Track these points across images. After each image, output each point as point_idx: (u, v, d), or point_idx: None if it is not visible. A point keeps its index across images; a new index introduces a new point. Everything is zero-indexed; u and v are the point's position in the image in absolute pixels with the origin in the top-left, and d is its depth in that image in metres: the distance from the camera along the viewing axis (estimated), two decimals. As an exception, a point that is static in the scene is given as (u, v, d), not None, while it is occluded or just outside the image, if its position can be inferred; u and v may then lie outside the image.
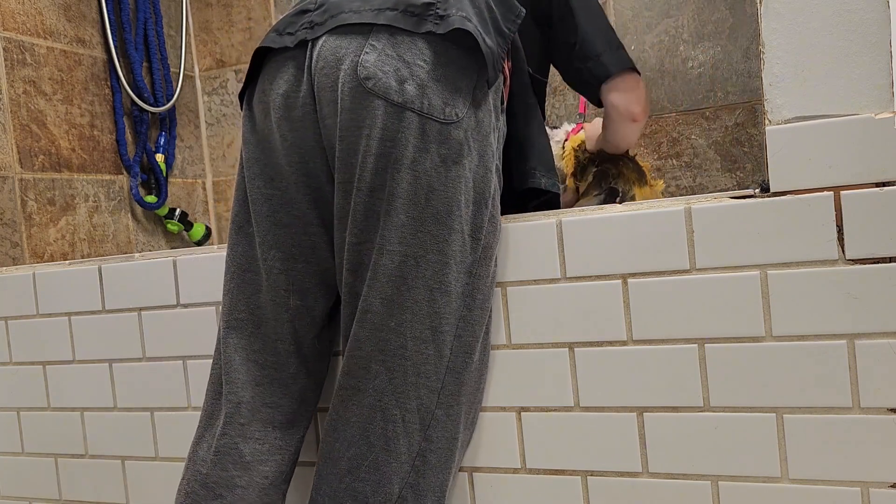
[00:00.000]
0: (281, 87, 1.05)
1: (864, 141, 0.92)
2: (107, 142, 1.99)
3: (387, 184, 0.98)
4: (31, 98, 1.79)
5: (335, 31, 1.01)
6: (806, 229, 0.95)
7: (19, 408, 1.49)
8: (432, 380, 1.01)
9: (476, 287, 1.03)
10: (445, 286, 1.00)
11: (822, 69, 0.94)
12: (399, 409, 1.00)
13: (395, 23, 0.98)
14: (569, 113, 1.91)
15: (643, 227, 1.02)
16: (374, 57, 0.98)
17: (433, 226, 0.99)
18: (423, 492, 1.02)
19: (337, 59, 1.00)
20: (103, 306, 1.39)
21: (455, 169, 0.99)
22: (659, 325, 1.02)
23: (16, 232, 1.72)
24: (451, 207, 0.99)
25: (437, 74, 0.98)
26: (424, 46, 0.99)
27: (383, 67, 0.98)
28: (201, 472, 1.12)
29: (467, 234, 1.01)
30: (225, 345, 1.13)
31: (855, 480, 0.95)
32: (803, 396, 0.96)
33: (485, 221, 1.03)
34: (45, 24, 1.84)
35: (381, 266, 0.99)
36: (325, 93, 1.01)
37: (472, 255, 1.02)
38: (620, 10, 1.84)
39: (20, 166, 1.74)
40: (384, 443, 1.00)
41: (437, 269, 0.99)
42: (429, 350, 1.00)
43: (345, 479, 1.01)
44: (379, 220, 0.99)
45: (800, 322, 0.96)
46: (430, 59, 0.99)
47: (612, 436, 1.06)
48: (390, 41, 0.99)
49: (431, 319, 1.00)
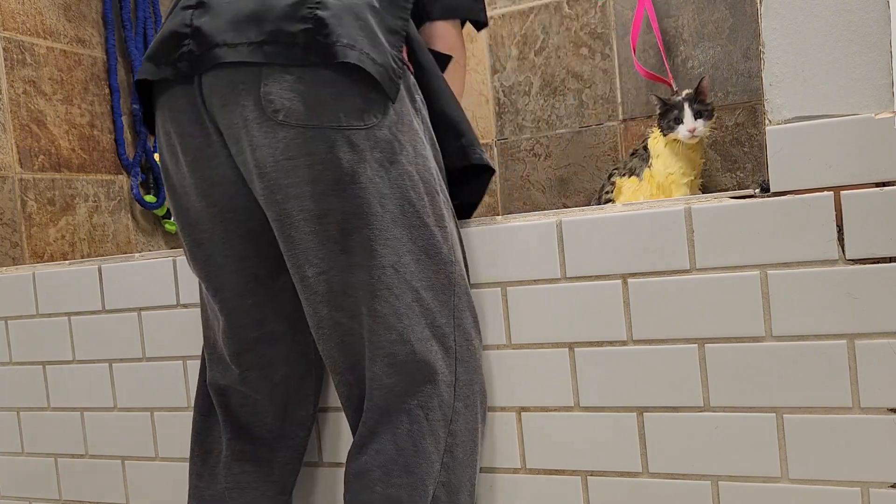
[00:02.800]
0: (184, 128, 1.01)
1: (864, 141, 0.92)
2: (107, 142, 1.99)
3: (335, 206, 0.96)
4: (31, 98, 1.78)
5: (219, 66, 0.96)
6: (806, 229, 0.95)
7: (19, 408, 1.49)
8: (445, 374, 1.01)
9: (455, 272, 1.03)
10: (427, 282, 0.99)
11: (822, 69, 0.94)
12: (422, 408, 1.00)
13: (276, 60, 0.93)
14: (569, 113, 1.91)
15: (643, 227, 1.02)
16: (274, 88, 0.94)
17: (396, 229, 0.97)
18: (455, 488, 1.02)
19: (235, 94, 0.96)
20: (103, 306, 1.39)
21: (395, 168, 0.97)
22: (659, 325, 1.02)
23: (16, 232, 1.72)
24: (403, 206, 0.97)
25: (341, 89, 0.95)
26: (319, 69, 0.95)
27: (287, 95, 0.94)
28: (198, 486, 1.14)
29: (433, 225, 1.00)
30: (208, 375, 1.15)
31: (855, 480, 0.95)
32: (803, 396, 0.96)
33: (443, 208, 1.03)
34: (45, 24, 1.84)
35: (357, 287, 0.98)
36: (233, 130, 0.97)
37: (444, 244, 1.01)
38: (620, 11, 1.84)
39: (20, 166, 1.74)
40: (412, 444, 0.99)
41: (415, 270, 0.98)
42: (434, 346, 1.00)
43: (377, 488, 0.99)
44: (338, 243, 0.97)
45: (800, 322, 0.96)
46: (329, 77, 0.95)
47: (612, 436, 1.06)
48: (284, 69, 0.94)
49: (427, 318, 1.00)
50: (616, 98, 1.86)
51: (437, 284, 1.00)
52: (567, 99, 1.91)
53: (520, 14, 1.94)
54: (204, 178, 1.02)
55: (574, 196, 1.92)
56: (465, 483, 1.03)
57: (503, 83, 1.97)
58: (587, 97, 1.89)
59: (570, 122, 1.91)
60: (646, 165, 1.55)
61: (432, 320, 1.00)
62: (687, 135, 1.45)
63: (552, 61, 1.91)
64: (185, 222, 1.07)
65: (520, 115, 1.96)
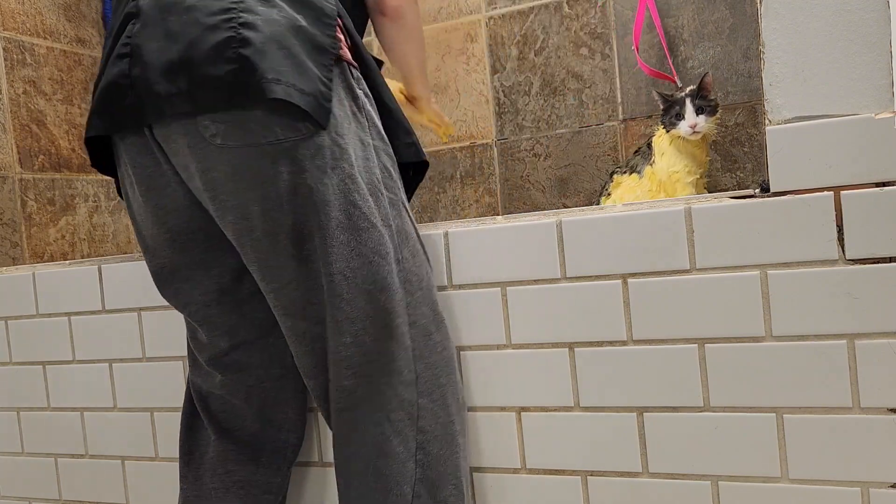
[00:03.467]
0: (136, 159, 1.03)
1: (864, 141, 0.92)
2: (107, 142, 1.99)
3: (284, 221, 0.97)
4: (31, 98, 1.78)
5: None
6: (806, 229, 0.95)
7: (19, 408, 1.49)
8: (405, 374, 1.02)
9: (408, 270, 1.03)
10: (380, 283, 0.99)
11: (822, 69, 0.94)
12: (383, 410, 1.01)
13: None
14: (569, 113, 1.91)
15: (643, 227, 1.02)
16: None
17: (343, 234, 0.97)
18: (436, 484, 1.02)
19: (177, 127, 0.97)
20: (103, 306, 1.39)
21: (336, 173, 0.97)
22: (659, 325, 1.02)
23: (16, 232, 1.72)
24: (349, 210, 0.97)
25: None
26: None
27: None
28: (183, 488, 1.15)
29: (381, 226, 1.00)
30: (190, 370, 1.17)
31: (855, 480, 0.95)
32: (803, 396, 0.96)
33: (387, 207, 1.03)
34: (45, 24, 1.84)
35: (318, 294, 0.99)
36: (179, 158, 0.99)
37: (391, 243, 1.02)
38: (620, 11, 1.84)
39: (20, 166, 1.74)
40: (378, 448, 1.01)
41: (366, 273, 0.98)
42: (391, 348, 1.01)
43: (352, 494, 1.02)
44: (293, 257, 0.98)
45: (800, 322, 0.96)
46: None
47: (612, 436, 1.06)
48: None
49: (382, 319, 1.00)
50: (616, 98, 1.86)
51: (390, 284, 1.00)
52: (567, 99, 1.91)
53: (520, 14, 1.94)
54: (158, 206, 1.04)
55: (574, 196, 1.92)
56: (448, 477, 1.03)
57: (503, 83, 1.97)
58: (587, 97, 1.89)
59: (570, 122, 1.91)
60: (647, 163, 1.54)
61: (388, 321, 1.00)
62: (688, 130, 1.45)
63: (552, 61, 1.91)
64: (146, 248, 1.10)
65: (520, 115, 1.96)
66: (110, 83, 1.00)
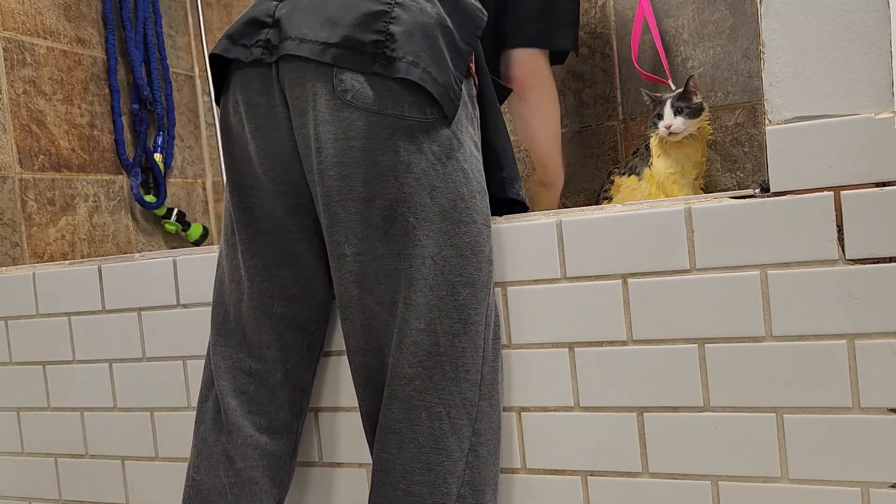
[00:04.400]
0: (251, 97, 1.06)
1: (864, 141, 0.92)
2: (107, 142, 1.99)
3: (384, 192, 0.98)
4: (31, 98, 1.78)
5: (294, 56, 1.01)
6: (806, 229, 0.95)
7: (19, 408, 1.49)
8: (472, 373, 1.01)
9: (492, 273, 1.05)
10: (467, 277, 1.00)
11: (822, 69, 0.94)
12: (443, 405, 1.00)
13: (341, 63, 0.98)
14: (569, 113, 1.91)
15: (643, 227, 1.02)
16: (348, 75, 0.98)
17: (441, 223, 0.99)
18: (480, 487, 1.02)
19: (308, 71, 1.00)
20: (103, 306, 1.39)
21: (451, 163, 1.00)
22: (659, 325, 1.02)
23: (16, 232, 1.72)
24: (455, 201, 0.99)
25: (408, 86, 0.98)
26: (385, 79, 0.99)
27: (359, 80, 0.98)
28: (195, 479, 1.14)
29: (481, 223, 1.02)
30: (214, 352, 1.15)
31: (855, 480, 0.95)
32: (803, 396, 0.96)
33: (488, 208, 1.05)
34: (45, 24, 1.84)
35: (391, 274, 1.00)
36: (300, 102, 1.01)
37: (488, 243, 1.03)
38: (620, 11, 1.84)
39: (20, 166, 1.74)
40: (433, 442, 1.00)
41: (456, 264, 0.99)
42: (462, 343, 1.00)
43: (399, 485, 1.00)
44: (378, 228, 0.99)
45: (800, 322, 0.96)
46: (395, 86, 0.99)
47: (612, 436, 1.06)
48: (353, 72, 0.99)
49: (460, 313, 1.00)
50: (616, 98, 1.86)
51: (476, 281, 1.01)
52: (567, 99, 1.91)
53: (520, 14, 1.93)
54: (263, 147, 1.06)
55: (574, 196, 1.92)
56: (490, 481, 1.04)
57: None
58: (587, 97, 1.89)
59: (570, 122, 1.91)
60: (646, 165, 1.54)
61: (465, 316, 1.00)
62: (664, 131, 1.46)
63: (552, 61, 1.91)
64: (237, 185, 1.10)
65: (520, 115, 1.96)
66: (253, 18, 1.05)
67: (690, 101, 1.47)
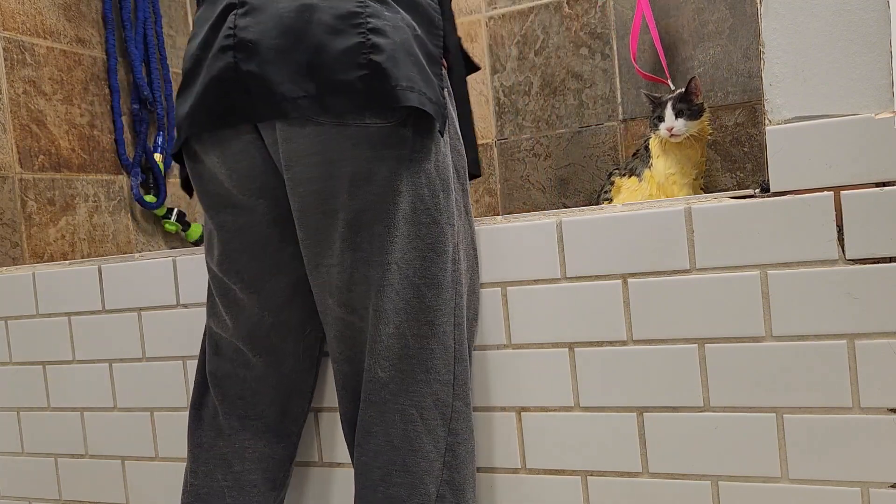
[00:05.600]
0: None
1: (864, 141, 0.92)
2: (107, 142, 1.99)
3: (348, 203, 0.97)
4: (31, 98, 1.78)
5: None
6: (806, 229, 0.95)
7: (19, 408, 1.49)
8: (442, 373, 1.01)
9: (460, 272, 1.04)
10: (431, 279, 0.99)
11: (822, 69, 0.94)
12: (416, 408, 1.00)
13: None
14: (569, 113, 1.91)
15: (643, 227, 1.02)
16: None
17: (405, 226, 0.98)
18: (460, 486, 1.02)
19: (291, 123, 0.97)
20: (103, 306, 1.39)
21: (413, 165, 0.97)
22: (659, 325, 1.02)
23: (16, 232, 1.72)
24: (415, 203, 0.98)
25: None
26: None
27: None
28: (193, 484, 1.14)
29: (444, 223, 1.00)
30: (208, 360, 1.15)
31: (855, 480, 0.95)
32: (803, 396, 0.96)
33: (453, 207, 1.03)
34: (45, 24, 1.84)
35: (362, 282, 0.99)
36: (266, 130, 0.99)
37: (450, 242, 1.02)
38: (620, 11, 1.84)
39: (20, 166, 1.74)
40: (409, 444, 1.00)
41: (419, 266, 0.99)
42: (431, 345, 1.00)
43: (379, 488, 1.01)
44: (346, 240, 0.98)
45: (800, 322, 0.96)
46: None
47: (612, 436, 1.06)
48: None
49: (426, 315, 1.00)
50: (616, 98, 1.86)
51: (441, 282, 1.00)
52: (567, 99, 1.91)
53: (520, 14, 1.94)
54: (233, 170, 1.03)
55: (574, 196, 1.92)
56: (469, 480, 1.04)
57: (503, 83, 1.97)
58: (587, 97, 1.89)
59: (570, 122, 1.91)
60: (646, 166, 1.55)
61: (432, 318, 1.00)
62: (665, 133, 1.46)
63: (552, 61, 1.91)
64: (210, 205, 1.07)
65: (520, 115, 1.96)
66: (215, 78, 0.97)
67: (692, 102, 1.47)
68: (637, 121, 1.84)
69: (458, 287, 1.03)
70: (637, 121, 1.84)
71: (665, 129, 1.46)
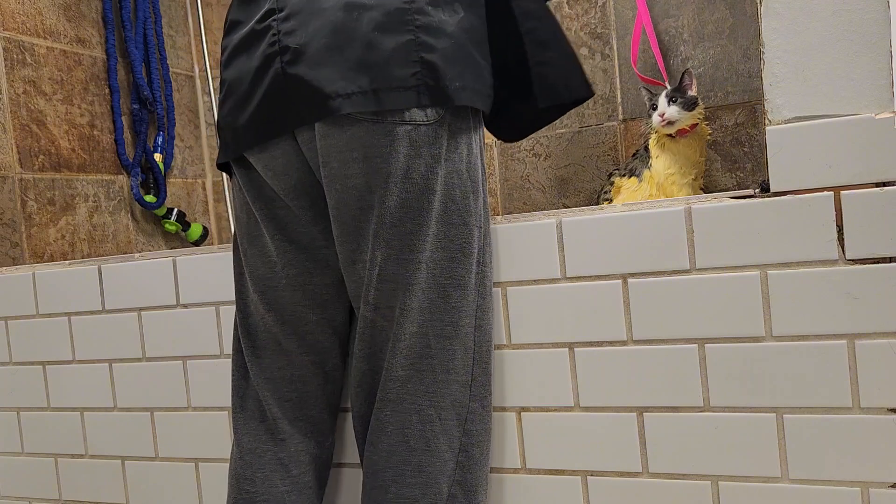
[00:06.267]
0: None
1: (864, 141, 0.92)
2: (107, 142, 1.99)
3: (383, 200, 0.97)
4: (31, 98, 1.78)
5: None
6: (806, 229, 0.95)
7: (19, 408, 1.49)
8: (461, 374, 1.01)
9: (485, 275, 1.04)
10: (457, 280, 1.00)
11: (822, 69, 0.94)
12: (434, 408, 1.00)
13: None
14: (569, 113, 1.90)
15: (643, 227, 1.02)
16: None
17: (436, 226, 0.99)
18: (472, 487, 1.02)
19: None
20: (103, 306, 1.39)
21: (447, 165, 0.99)
22: (659, 325, 1.02)
23: (16, 232, 1.72)
24: (446, 203, 0.99)
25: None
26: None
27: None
28: (251, 491, 1.11)
29: (472, 225, 1.01)
30: (250, 364, 1.13)
31: (855, 480, 0.95)
32: (803, 396, 0.96)
33: (480, 209, 1.04)
34: (45, 24, 1.84)
35: (390, 280, 1.00)
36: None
37: (477, 244, 1.02)
38: (620, 10, 1.84)
39: (20, 166, 1.74)
40: (424, 444, 1.00)
41: (446, 267, 0.99)
42: (453, 346, 1.00)
43: (391, 488, 1.00)
44: (378, 236, 0.99)
45: (800, 322, 0.96)
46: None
47: (612, 436, 1.06)
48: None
49: (450, 315, 1.00)
50: (616, 98, 1.86)
51: (467, 284, 1.01)
52: (567, 99, 1.91)
53: (520, 14, 1.93)
54: (267, 167, 1.04)
55: (574, 196, 1.92)
56: (482, 482, 1.04)
57: (503, 83, 1.97)
58: (587, 97, 1.88)
59: (570, 122, 1.91)
60: (646, 167, 1.55)
61: (456, 319, 1.00)
62: (658, 120, 1.47)
63: (552, 61, 1.91)
64: (265, 208, 1.07)
65: (520, 115, 1.96)
66: (268, 92, 0.98)
67: (685, 93, 1.48)
68: (637, 121, 1.84)
69: (481, 289, 1.03)
70: (637, 121, 1.84)
71: (657, 115, 1.47)
